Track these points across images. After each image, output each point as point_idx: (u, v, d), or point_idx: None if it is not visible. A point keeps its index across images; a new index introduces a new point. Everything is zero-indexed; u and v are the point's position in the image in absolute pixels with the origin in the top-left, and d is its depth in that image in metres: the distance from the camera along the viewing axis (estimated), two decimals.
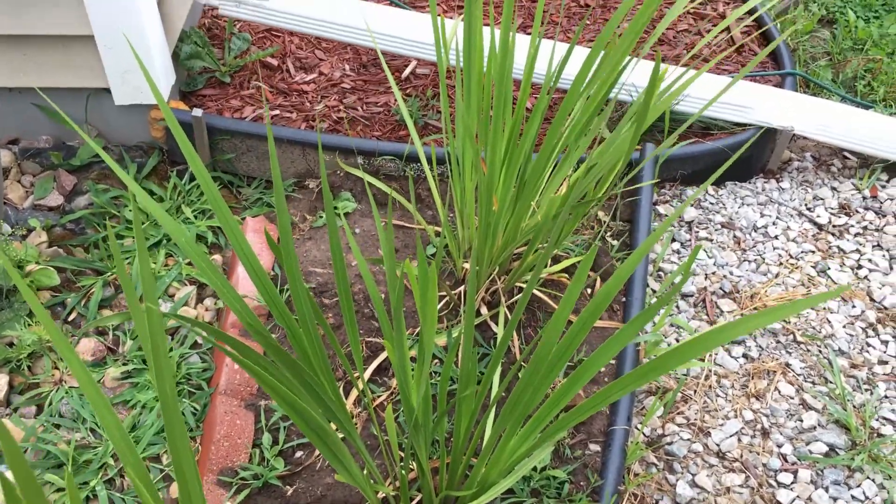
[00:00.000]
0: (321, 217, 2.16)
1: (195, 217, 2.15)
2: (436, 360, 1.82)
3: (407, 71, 2.65)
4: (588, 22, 2.96)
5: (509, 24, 1.68)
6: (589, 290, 1.96)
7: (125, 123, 2.25)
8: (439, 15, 2.97)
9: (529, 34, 2.65)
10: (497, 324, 1.85)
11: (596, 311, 1.15)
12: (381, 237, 1.26)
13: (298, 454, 1.68)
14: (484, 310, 1.86)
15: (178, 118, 2.19)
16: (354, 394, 1.76)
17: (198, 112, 2.14)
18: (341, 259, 1.30)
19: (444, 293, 1.92)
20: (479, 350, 1.82)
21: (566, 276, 1.92)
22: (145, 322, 0.80)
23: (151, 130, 2.22)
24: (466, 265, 1.86)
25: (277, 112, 2.45)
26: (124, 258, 2.06)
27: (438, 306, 1.91)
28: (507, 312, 1.86)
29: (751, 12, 3.04)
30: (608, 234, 2.13)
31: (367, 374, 1.78)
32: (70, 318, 1.95)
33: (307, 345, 1.21)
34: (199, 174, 1.17)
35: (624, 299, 1.94)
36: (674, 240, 2.23)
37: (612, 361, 1.82)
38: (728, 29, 2.96)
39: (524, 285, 1.88)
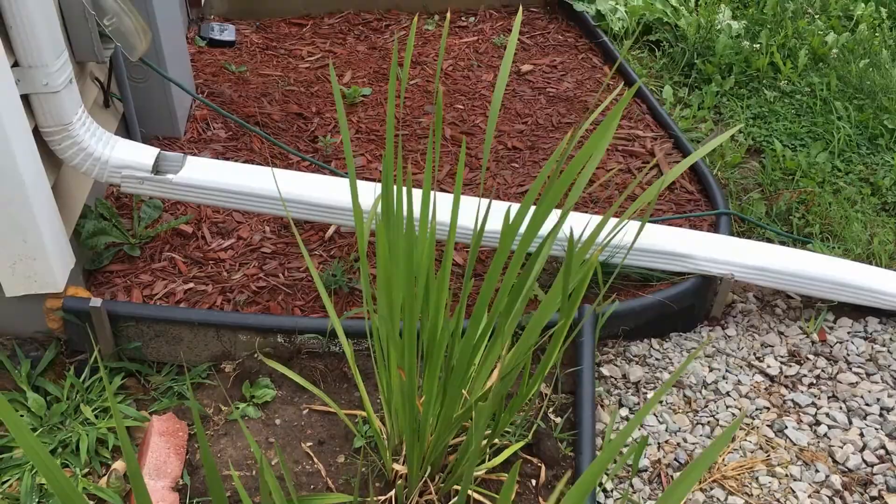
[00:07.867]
0: (238, 408, 1.97)
1: (96, 417, 1.93)
2: None
3: (331, 231, 2.52)
4: (517, 165, 2.90)
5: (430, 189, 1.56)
6: (533, 482, 1.79)
7: (19, 313, 2.05)
8: (363, 166, 2.88)
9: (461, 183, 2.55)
10: None
11: None
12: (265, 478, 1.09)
13: None
14: None
15: (78, 307, 2.00)
16: None
17: (96, 302, 1.96)
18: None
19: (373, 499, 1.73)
20: None
21: (505, 475, 1.74)
22: None
23: (48, 321, 2.02)
24: (397, 466, 1.68)
25: (191, 285, 2.28)
26: (14, 474, 1.82)
27: None
28: None
29: (678, 146, 3.02)
30: (550, 409, 1.97)
31: None
32: None
33: None
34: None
35: None
36: (621, 404, 2.08)
37: None
38: (658, 166, 2.93)
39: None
